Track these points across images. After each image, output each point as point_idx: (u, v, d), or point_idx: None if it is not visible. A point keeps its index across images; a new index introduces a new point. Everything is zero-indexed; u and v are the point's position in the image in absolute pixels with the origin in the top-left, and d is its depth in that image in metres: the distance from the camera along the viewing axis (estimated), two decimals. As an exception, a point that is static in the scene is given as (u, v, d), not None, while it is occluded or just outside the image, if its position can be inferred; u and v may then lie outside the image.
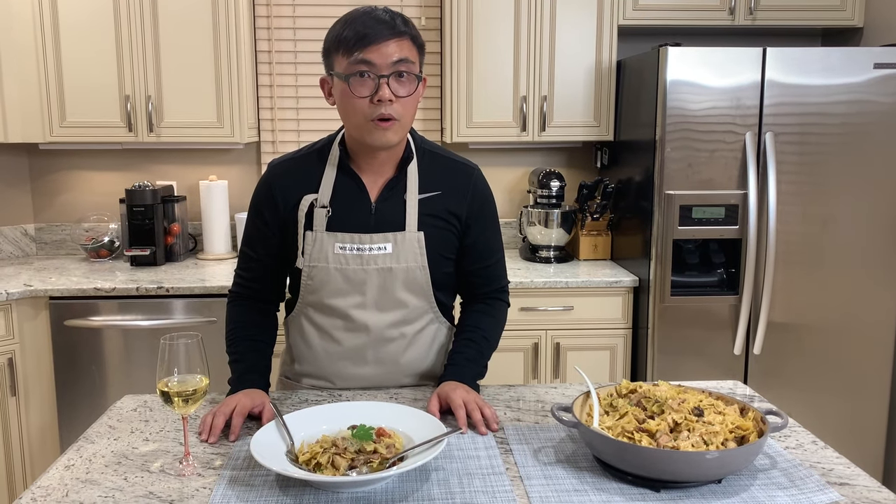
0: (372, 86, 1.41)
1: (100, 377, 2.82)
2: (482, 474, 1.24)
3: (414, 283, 1.56)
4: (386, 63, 1.40)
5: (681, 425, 1.24)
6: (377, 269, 1.53)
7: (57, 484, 1.22)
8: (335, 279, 1.54)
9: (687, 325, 2.81)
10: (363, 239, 1.52)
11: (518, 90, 3.13)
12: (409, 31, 1.44)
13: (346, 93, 1.43)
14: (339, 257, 1.53)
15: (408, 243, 1.54)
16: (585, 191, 3.25)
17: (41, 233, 3.42)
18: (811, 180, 2.75)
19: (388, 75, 1.41)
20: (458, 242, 1.61)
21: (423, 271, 1.56)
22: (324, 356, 1.63)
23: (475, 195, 1.61)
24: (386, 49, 1.39)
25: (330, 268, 1.54)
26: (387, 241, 1.53)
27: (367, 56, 1.39)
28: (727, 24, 3.11)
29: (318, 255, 1.54)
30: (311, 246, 1.54)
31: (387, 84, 1.41)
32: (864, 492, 1.19)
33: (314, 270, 1.55)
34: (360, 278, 1.54)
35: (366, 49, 1.39)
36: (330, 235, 1.53)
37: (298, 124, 3.40)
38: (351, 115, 1.46)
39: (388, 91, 1.41)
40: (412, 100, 1.46)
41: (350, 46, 1.40)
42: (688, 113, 2.70)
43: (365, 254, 1.53)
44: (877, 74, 2.71)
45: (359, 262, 1.53)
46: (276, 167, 1.60)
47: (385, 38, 1.39)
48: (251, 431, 1.37)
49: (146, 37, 2.99)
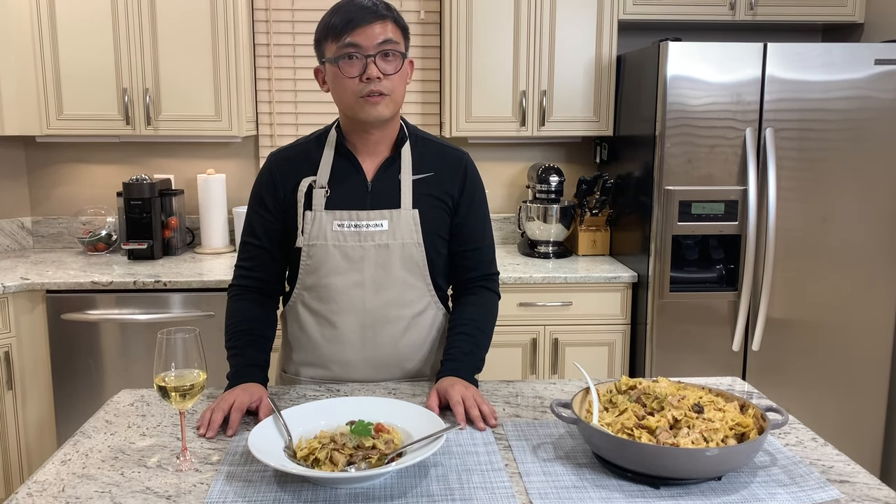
0: (360, 66, 1.49)
1: (97, 371, 2.81)
2: (481, 470, 1.24)
3: (410, 260, 1.60)
4: (372, 44, 1.49)
5: (681, 422, 1.23)
6: (374, 245, 1.58)
7: (53, 479, 1.21)
8: (334, 257, 1.59)
9: (686, 321, 2.80)
10: (360, 216, 1.58)
11: (517, 85, 3.11)
12: (391, 14, 1.53)
13: (337, 74, 1.52)
14: (338, 234, 1.58)
15: (403, 220, 1.59)
16: (584, 186, 3.24)
17: (38, 226, 3.41)
18: (811, 176, 2.74)
19: (375, 55, 1.49)
20: (450, 221, 1.65)
21: (418, 248, 1.60)
22: (321, 341, 1.64)
23: (466, 178, 1.67)
24: (371, 31, 1.48)
25: (329, 245, 1.58)
26: (383, 217, 1.58)
27: (353, 39, 1.48)
28: (728, 19, 3.10)
29: (318, 234, 1.58)
30: (310, 225, 1.59)
31: (374, 63, 1.49)
32: (864, 489, 1.18)
33: (313, 249, 1.59)
34: (359, 255, 1.58)
35: (352, 32, 1.48)
36: (328, 214, 1.58)
37: (296, 118, 3.39)
38: (343, 95, 1.53)
39: (376, 69, 1.49)
40: (400, 77, 1.54)
41: (338, 32, 1.49)
42: (688, 108, 2.69)
43: (362, 230, 1.58)
44: (878, 70, 2.70)
45: (356, 239, 1.58)
46: (276, 155, 1.67)
47: (370, 22, 1.49)
48: (249, 427, 1.37)
49: (144, 29, 2.97)
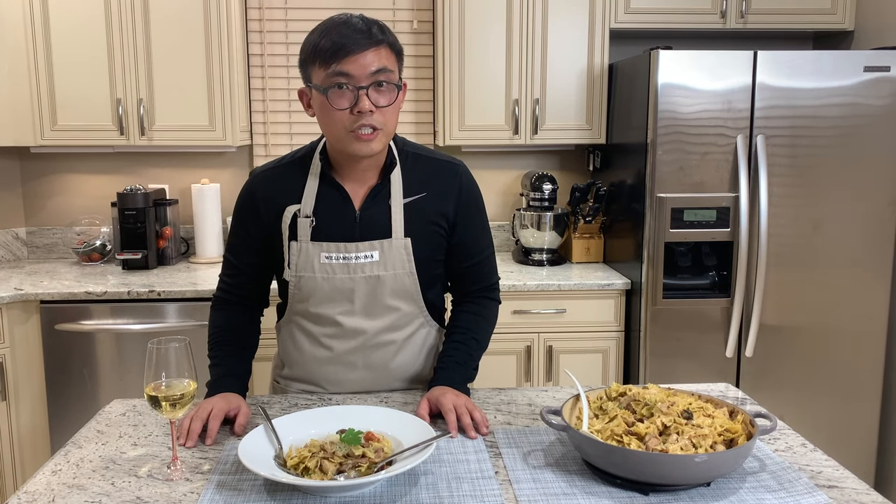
0: (351, 97, 1.40)
1: (91, 381, 2.80)
2: (471, 478, 1.24)
3: (402, 289, 1.56)
4: (364, 74, 1.39)
5: (670, 428, 1.24)
6: (365, 277, 1.53)
7: (44, 489, 1.21)
8: (322, 289, 1.54)
9: (679, 327, 2.81)
10: (349, 248, 1.51)
11: (510, 93, 3.13)
12: (386, 38, 1.42)
13: (325, 105, 1.42)
14: (326, 266, 1.52)
15: (395, 250, 1.53)
16: (578, 194, 3.25)
17: (32, 236, 3.41)
18: (802, 183, 2.76)
19: (367, 86, 1.39)
20: (447, 242, 1.60)
21: (411, 277, 1.55)
22: (314, 362, 1.63)
23: (462, 192, 1.59)
24: (363, 59, 1.38)
25: (317, 277, 1.53)
26: (373, 248, 1.52)
27: (344, 68, 1.38)
28: (718, 27, 3.12)
29: (304, 265, 1.53)
30: (296, 256, 1.53)
31: (366, 95, 1.39)
32: (852, 494, 1.19)
33: (301, 280, 1.55)
34: (348, 287, 1.53)
35: (343, 60, 1.38)
36: (315, 245, 1.52)
37: (291, 127, 3.40)
38: (331, 127, 1.45)
39: (368, 102, 1.39)
40: (393, 108, 1.45)
41: (327, 58, 1.39)
42: (679, 116, 2.71)
43: (352, 262, 1.52)
44: (867, 77, 2.72)
45: (346, 272, 1.52)
46: (257, 177, 1.59)
47: (362, 49, 1.38)
48: (227, 436, 1.39)
49: (137, 40, 2.99)
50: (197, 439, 1.38)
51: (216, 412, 1.41)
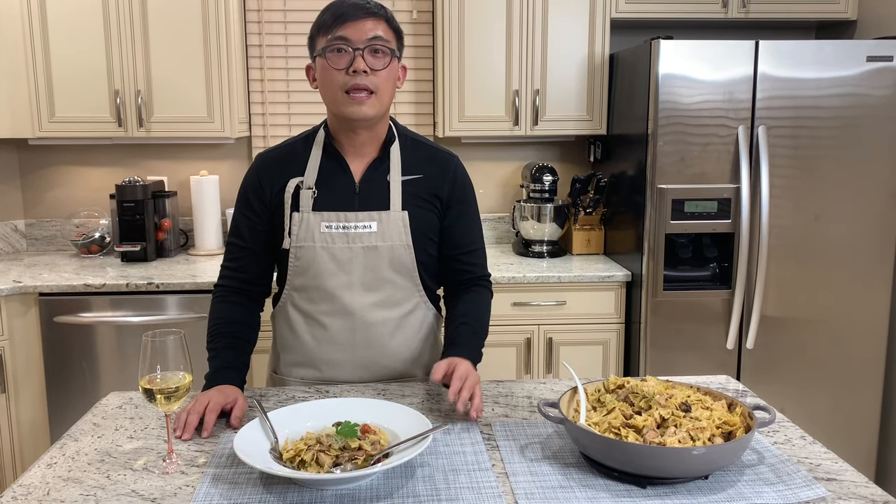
0: (348, 58, 1.49)
1: (90, 374, 2.80)
2: (468, 470, 1.23)
3: (399, 262, 1.60)
4: (361, 38, 1.48)
5: (668, 421, 1.23)
6: (363, 247, 1.57)
7: (38, 482, 1.21)
8: (322, 258, 1.58)
9: (679, 319, 2.80)
10: (349, 217, 1.57)
11: (510, 84, 3.11)
12: (384, 13, 1.53)
13: (324, 67, 1.51)
14: (326, 236, 1.57)
15: (392, 222, 1.58)
16: (578, 185, 3.24)
17: (31, 229, 3.40)
18: (804, 174, 2.74)
19: (363, 48, 1.48)
20: (440, 223, 1.65)
21: (407, 250, 1.59)
22: (311, 342, 1.64)
23: (455, 180, 1.66)
24: (362, 25, 1.48)
25: (316, 247, 1.58)
26: (372, 219, 1.57)
27: (343, 32, 1.48)
28: (720, 16, 3.09)
29: (305, 235, 1.58)
30: (297, 226, 1.58)
31: (361, 56, 1.48)
32: (851, 487, 1.18)
33: (301, 251, 1.58)
34: (347, 257, 1.57)
35: (342, 26, 1.48)
36: (316, 215, 1.57)
37: (289, 118, 3.38)
38: (329, 89, 1.52)
39: (363, 63, 1.48)
40: (388, 75, 1.52)
41: (329, 26, 1.50)
42: (680, 106, 2.69)
43: (351, 232, 1.57)
44: (870, 67, 2.69)
45: (345, 241, 1.57)
46: (263, 156, 1.67)
47: (360, 17, 1.49)
48: (224, 428, 1.38)
49: (135, 31, 2.97)
50: (193, 432, 1.38)
51: (213, 405, 1.41)
